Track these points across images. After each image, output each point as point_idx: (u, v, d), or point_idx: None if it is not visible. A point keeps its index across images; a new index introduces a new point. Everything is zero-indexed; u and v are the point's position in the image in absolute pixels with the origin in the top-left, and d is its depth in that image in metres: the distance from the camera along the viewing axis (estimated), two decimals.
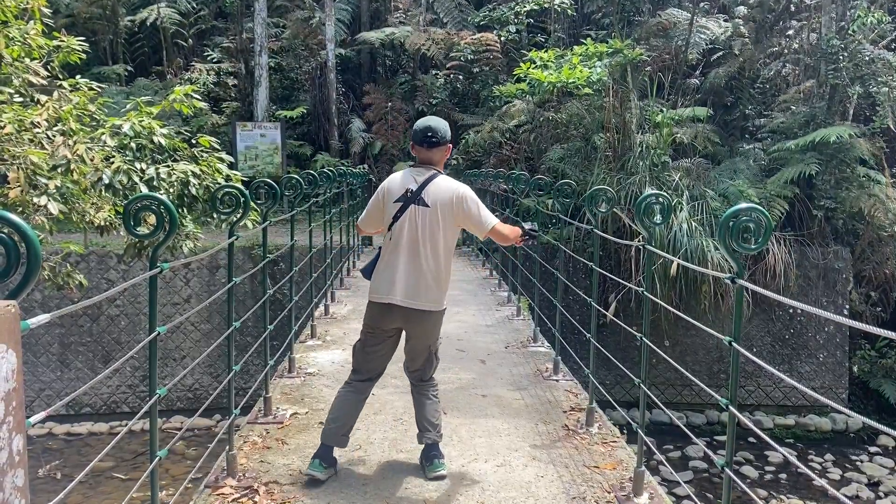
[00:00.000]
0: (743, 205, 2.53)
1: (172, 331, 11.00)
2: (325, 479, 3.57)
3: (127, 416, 10.86)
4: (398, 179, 3.70)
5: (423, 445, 3.77)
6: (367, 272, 3.78)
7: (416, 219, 3.58)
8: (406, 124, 17.33)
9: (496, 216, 3.82)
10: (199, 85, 15.46)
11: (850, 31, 12.43)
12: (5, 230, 1.60)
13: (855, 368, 11.95)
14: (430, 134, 3.67)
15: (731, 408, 2.59)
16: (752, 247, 2.54)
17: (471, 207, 3.63)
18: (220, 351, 10.20)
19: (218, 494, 3.44)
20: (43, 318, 1.70)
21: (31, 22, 5.60)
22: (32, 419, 1.62)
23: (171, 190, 5.36)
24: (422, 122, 3.74)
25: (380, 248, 3.76)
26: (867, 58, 12.24)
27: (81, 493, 8.22)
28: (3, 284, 1.66)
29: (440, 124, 3.71)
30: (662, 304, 3.93)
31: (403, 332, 3.77)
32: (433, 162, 3.72)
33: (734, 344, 2.57)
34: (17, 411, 1.35)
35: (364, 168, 15.22)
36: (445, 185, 3.64)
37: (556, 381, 5.46)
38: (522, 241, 3.82)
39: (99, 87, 6.12)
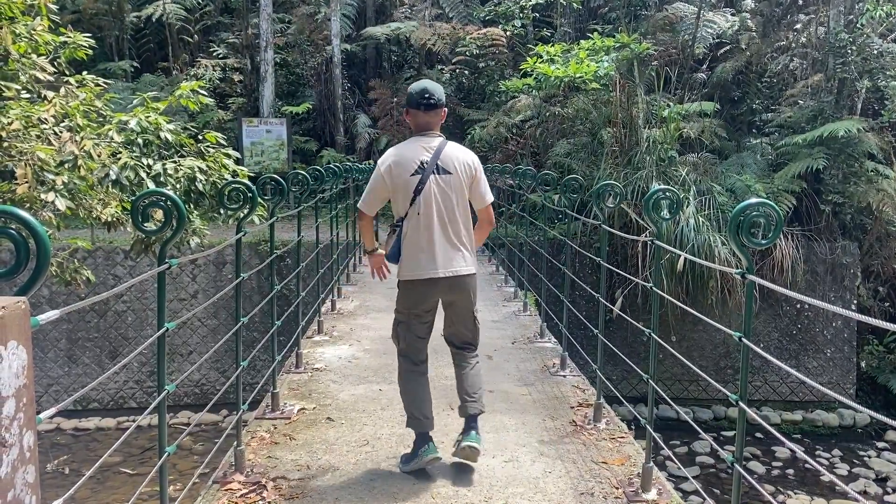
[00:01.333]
0: (753, 200, 2.52)
1: (180, 326, 11.03)
2: (440, 458, 3.59)
3: (134, 411, 10.90)
4: (404, 152, 3.58)
5: (463, 418, 3.69)
6: (395, 256, 3.66)
7: (440, 187, 3.53)
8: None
9: (503, 211, 3.82)
10: (204, 81, 15.46)
11: (858, 25, 12.35)
12: (14, 226, 1.60)
13: (863, 363, 11.91)
14: (427, 95, 3.55)
15: (741, 403, 2.57)
16: (763, 242, 2.52)
17: (481, 176, 3.67)
18: (227, 346, 10.23)
19: (226, 490, 3.45)
20: (52, 314, 1.70)
21: (38, 18, 5.60)
22: (43, 415, 1.62)
23: (178, 186, 5.36)
24: (417, 85, 3.62)
25: (397, 228, 3.62)
26: (876, 51, 12.17)
27: (90, 487, 8.25)
28: (12, 280, 1.66)
29: (436, 86, 3.62)
30: (670, 299, 3.91)
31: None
32: (432, 126, 3.62)
33: (744, 339, 2.55)
34: (27, 408, 1.35)
35: (370, 163, 15.20)
36: (460, 151, 3.63)
37: (564, 376, 5.45)
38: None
39: (105, 83, 6.12)
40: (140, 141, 5.54)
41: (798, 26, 14.88)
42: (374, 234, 3.97)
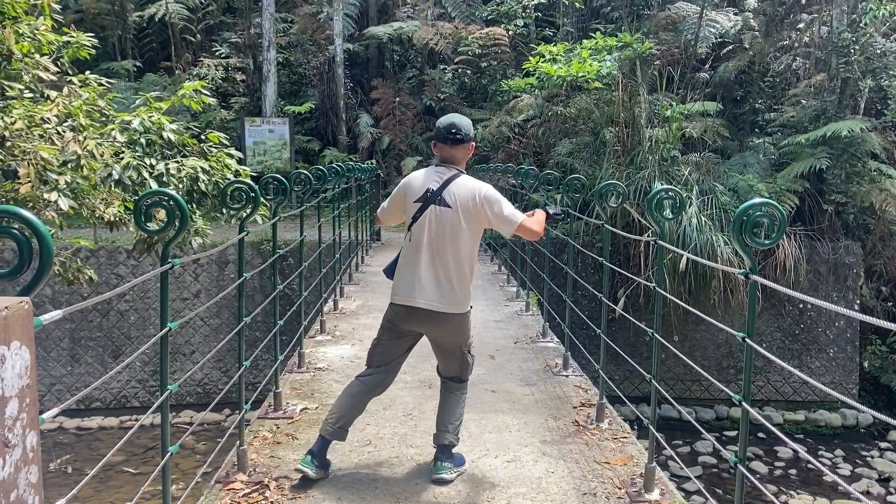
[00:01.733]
0: (757, 199, 2.51)
1: (182, 326, 11.04)
2: (315, 479, 3.49)
3: (137, 410, 10.91)
4: (420, 178, 3.61)
5: (434, 446, 3.68)
6: (389, 272, 3.72)
7: (437, 219, 3.49)
8: (414, 119, 17.31)
9: None
10: (207, 80, 15.46)
11: (861, 24, 12.33)
12: (17, 226, 1.60)
13: (865, 364, 11.89)
14: (454, 131, 3.55)
15: (744, 403, 2.57)
16: (766, 242, 2.52)
17: (494, 207, 3.51)
18: (229, 346, 10.23)
19: (229, 489, 3.45)
20: (55, 314, 1.70)
21: (41, 18, 5.60)
22: (46, 415, 1.62)
23: (181, 185, 5.36)
24: (445, 119, 3.62)
25: (401, 247, 3.69)
26: (879, 51, 12.15)
27: (92, 487, 8.26)
28: (15, 280, 1.66)
29: (464, 121, 3.60)
30: (673, 298, 3.91)
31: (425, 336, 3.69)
32: (456, 160, 3.61)
33: (748, 340, 2.55)
34: (30, 408, 1.35)
35: (372, 163, 15.22)
36: (467, 185, 3.53)
37: (566, 376, 5.45)
38: (548, 226, 3.76)
39: (108, 82, 6.13)
40: (143, 141, 5.54)
41: (801, 26, 14.86)
42: None
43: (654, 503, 3.38)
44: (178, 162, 5.52)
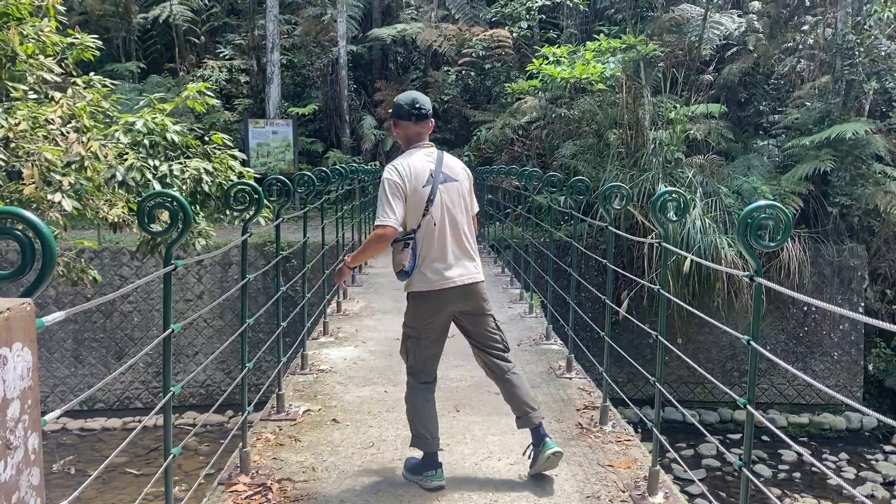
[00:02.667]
0: (762, 202, 2.50)
1: (185, 327, 11.05)
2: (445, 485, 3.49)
3: (140, 411, 10.93)
4: (415, 163, 3.49)
5: (527, 428, 3.58)
6: (413, 269, 3.49)
7: (449, 196, 3.50)
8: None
9: (508, 212, 3.77)
10: (211, 82, 15.48)
11: (866, 26, 12.30)
12: (20, 227, 1.60)
13: (870, 366, 11.85)
14: (418, 106, 3.50)
15: (748, 406, 2.56)
16: (771, 244, 2.51)
17: (471, 180, 3.70)
18: (232, 347, 10.24)
19: (231, 491, 3.45)
20: (58, 315, 1.70)
21: (46, 19, 5.62)
22: (48, 416, 1.62)
23: (184, 187, 5.37)
24: (406, 96, 3.56)
25: (409, 241, 3.47)
26: (883, 53, 12.12)
27: (95, 488, 8.27)
28: (18, 281, 1.66)
29: (424, 97, 3.58)
30: (677, 301, 3.90)
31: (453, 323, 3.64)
32: (423, 137, 3.56)
33: (752, 342, 2.53)
34: (32, 410, 1.34)
35: (376, 164, 15.22)
36: (452, 158, 3.64)
37: (570, 378, 5.44)
38: None
39: (112, 84, 6.14)
40: (146, 142, 5.55)
41: (805, 28, 14.82)
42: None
43: None
44: (181, 163, 5.53)
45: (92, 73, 6.01)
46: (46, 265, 1.56)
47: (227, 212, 5.43)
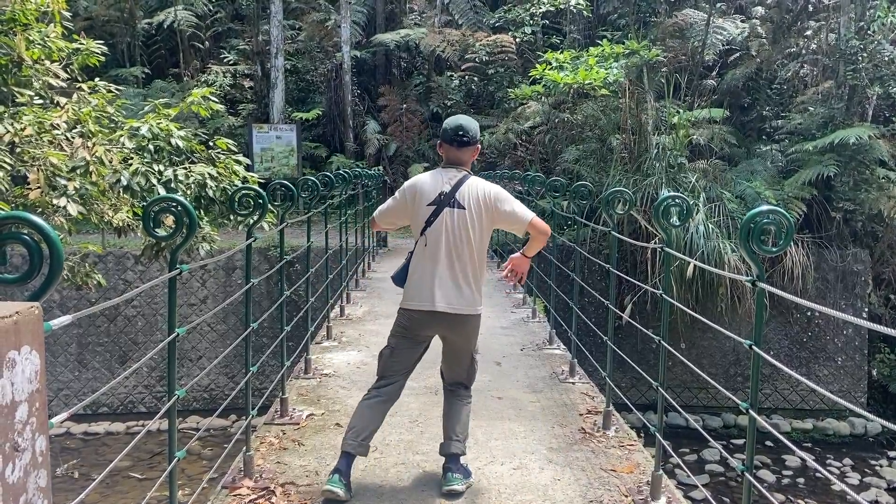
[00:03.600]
0: (764, 207, 2.51)
1: (189, 331, 11.02)
2: (346, 500, 3.34)
3: (143, 415, 10.93)
4: (429, 181, 3.52)
5: (443, 456, 3.57)
6: (400, 279, 3.61)
7: (452, 222, 3.45)
8: (421, 126, 17.35)
9: None
10: (215, 87, 15.55)
11: (869, 31, 12.30)
12: (25, 231, 1.61)
13: (874, 372, 11.83)
14: (461, 133, 3.50)
15: (751, 411, 2.56)
16: (774, 249, 2.51)
17: (505, 205, 3.52)
18: (236, 352, 10.26)
19: (235, 495, 3.45)
20: (65, 319, 1.71)
21: (51, 25, 5.66)
22: (55, 420, 1.63)
23: (189, 192, 5.39)
24: (452, 121, 3.56)
25: (409, 253, 3.59)
26: (887, 58, 12.12)
27: (99, 492, 8.28)
28: (24, 285, 1.67)
29: (471, 123, 3.56)
30: (680, 306, 3.90)
31: (438, 340, 3.65)
32: (462, 162, 3.57)
33: (755, 347, 2.54)
34: (40, 412, 1.36)
35: (379, 169, 15.25)
36: (479, 186, 3.52)
37: (573, 383, 5.44)
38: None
39: (117, 89, 6.18)
40: (151, 147, 5.58)
41: (808, 33, 14.84)
42: None
43: None
44: (186, 168, 5.55)
45: (97, 79, 6.04)
46: (54, 269, 1.57)
47: (232, 216, 5.45)
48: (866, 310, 11.80)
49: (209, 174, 5.57)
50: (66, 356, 10.97)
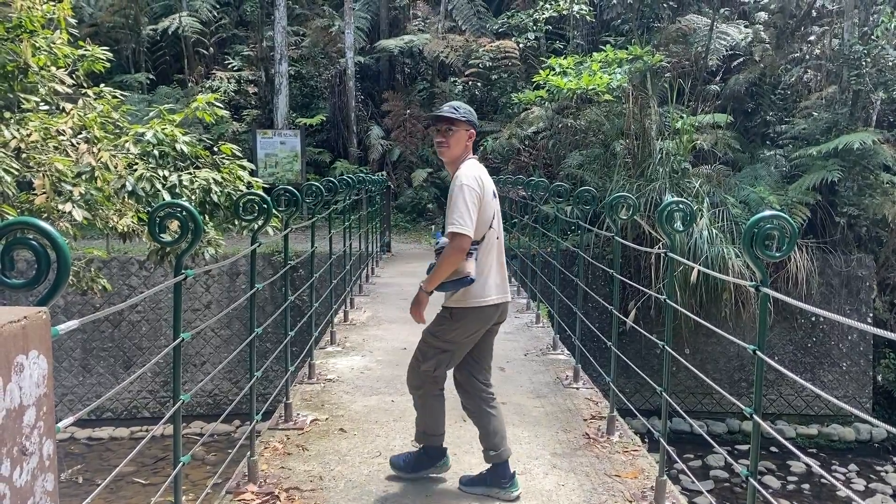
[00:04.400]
0: (767, 212, 2.51)
1: (193, 337, 11.06)
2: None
3: (148, 420, 10.94)
4: (486, 175, 3.47)
5: (490, 465, 3.51)
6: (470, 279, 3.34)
7: (498, 211, 3.59)
8: (424, 131, 17.38)
9: (515, 222, 3.77)
10: (219, 93, 15.60)
11: (873, 36, 12.30)
12: (32, 236, 1.62)
13: (879, 377, 11.78)
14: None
15: (755, 416, 2.56)
16: (777, 254, 2.51)
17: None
18: (240, 357, 10.26)
19: (239, 500, 3.46)
20: (72, 324, 1.72)
21: (57, 31, 5.69)
22: (61, 424, 1.64)
23: (194, 197, 5.41)
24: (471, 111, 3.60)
25: (474, 251, 3.35)
26: (891, 63, 12.11)
27: (103, 497, 8.29)
28: (29, 290, 1.68)
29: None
30: (684, 311, 3.90)
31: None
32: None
33: (759, 353, 2.54)
34: (47, 416, 1.36)
35: (383, 174, 15.27)
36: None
37: (577, 388, 5.44)
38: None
39: (122, 95, 6.20)
40: (156, 152, 5.60)
41: (812, 38, 14.85)
42: None
43: None
44: (190, 173, 5.57)
45: (102, 85, 6.07)
46: (61, 275, 1.58)
47: (236, 221, 5.47)
48: (871, 315, 11.77)
49: (214, 179, 5.58)
50: (71, 361, 10.99)
